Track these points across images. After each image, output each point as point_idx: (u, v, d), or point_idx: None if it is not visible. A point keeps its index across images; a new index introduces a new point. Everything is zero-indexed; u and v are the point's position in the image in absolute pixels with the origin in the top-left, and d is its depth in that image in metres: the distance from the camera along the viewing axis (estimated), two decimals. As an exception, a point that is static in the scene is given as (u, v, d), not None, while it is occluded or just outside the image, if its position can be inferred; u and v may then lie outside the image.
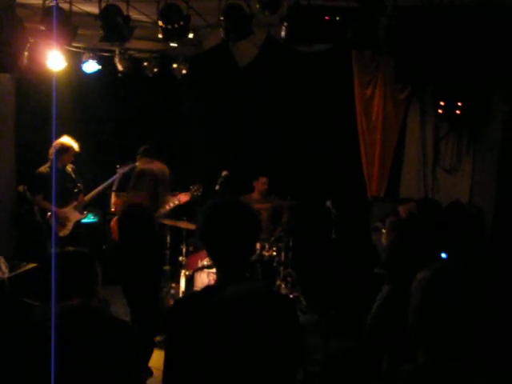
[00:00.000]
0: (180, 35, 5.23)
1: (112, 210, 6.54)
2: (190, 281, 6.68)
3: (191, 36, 5.45)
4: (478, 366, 1.79)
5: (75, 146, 6.63)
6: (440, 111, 6.98)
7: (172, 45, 5.66)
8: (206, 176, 6.89)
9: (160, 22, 5.14)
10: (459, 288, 1.80)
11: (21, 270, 5.78)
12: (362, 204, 7.56)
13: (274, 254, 7.12)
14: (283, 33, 5.48)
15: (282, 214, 7.74)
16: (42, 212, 6.56)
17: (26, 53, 5.62)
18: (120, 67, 7.49)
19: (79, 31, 5.46)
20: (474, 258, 5.26)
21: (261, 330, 1.97)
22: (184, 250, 7.03)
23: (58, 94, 5.68)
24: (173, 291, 7.08)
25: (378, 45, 5.56)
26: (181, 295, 6.55)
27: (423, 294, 1.83)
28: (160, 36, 5.27)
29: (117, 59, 7.47)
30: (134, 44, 7.05)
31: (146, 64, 7.84)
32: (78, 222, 6.83)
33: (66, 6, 5.30)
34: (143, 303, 4.75)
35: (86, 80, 7.65)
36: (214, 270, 6.06)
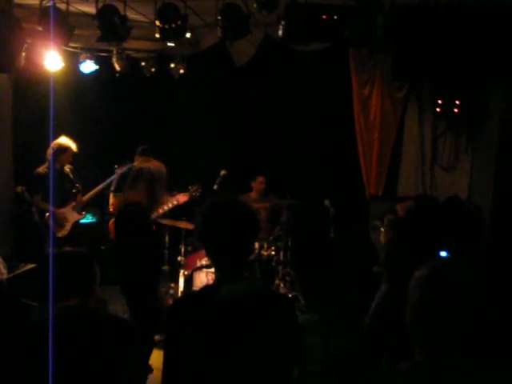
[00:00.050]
0: (177, 35, 5.24)
1: (110, 210, 6.55)
2: (189, 281, 6.68)
3: (188, 35, 5.45)
4: (476, 365, 1.79)
5: (73, 146, 6.62)
6: (438, 109, 6.99)
7: (169, 44, 5.66)
8: (204, 176, 6.88)
9: (157, 22, 5.14)
10: (457, 286, 1.80)
11: (19, 271, 5.77)
12: (361, 203, 7.57)
13: (273, 253, 7.11)
14: (280, 32, 5.48)
15: (281, 214, 7.73)
16: (41, 212, 6.55)
17: (23, 53, 5.63)
18: (117, 67, 7.48)
19: (76, 31, 5.46)
20: (472, 256, 5.26)
21: (259, 329, 1.97)
22: (183, 250, 7.03)
23: (56, 95, 5.60)
24: (172, 291, 7.08)
25: (375, 43, 5.56)
26: (180, 295, 6.55)
27: (421, 292, 1.83)
28: (157, 35, 5.27)
29: (114, 59, 7.47)
30: (132, 44, 7.05)
31: (143, 64, 7.84)
32: (77, 223, 6.82)
33: (63, 7, 5.30)
34: (142, 302, 4.74)
35: (83, 80, 7.64)
36: (212, 270, 6.05)
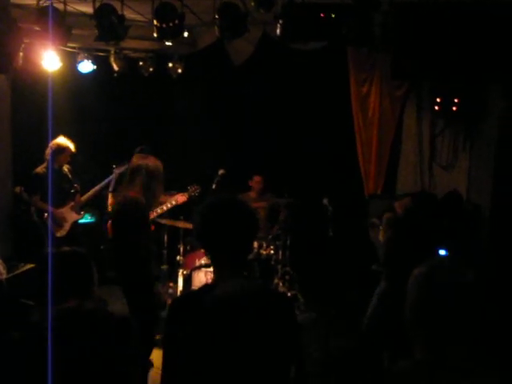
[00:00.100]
0: (175, 34, 5.23)
1: (109, 210, 6.54)
2: (188, 280, 6.68)
3: (186, 35, 5.44)
4: (476, 363, 1.79)
5: (71, 146, 6.62)
6: (436, 108, 6.98)
7: (167, 43, 5.65)
8: (203, 175, 6.88)
9: (155, 21, 5.14)
10: (455, 284, 1.80)
11: (18, 271, 5.77)
12: (359, 201, 7.57)
13: (272, 252, 7.11)
14: (278, 30, 5.48)
15: (280, 213, 7.72)
16: (39, 213, 6.55)
17: (20, 53, 5.61)
18: (115, 67, 7.47)
19: (74, 31, 5.45)
20: (471, 254, 5.27)
21: (258, 328, 1.97)
22: (181, 250, 7.02)
23: (54, 95, 5.66)
24: (171, 290, 7.08)
25: (373, 42, 5.55)
26: (179, 294, 6.55)
27: (420, 290, 1.83)
28: (155, 35, 5.26)
29: (112, 59, 7.45)
30: (129, 43, 7.04)
31: (141, 63, 7.82)
32: (75, 223, 6.83)
33: (60, 6, 5.29)
34: (140, 299, 4.75)
35: (81, 80, 7.63)
36: (211, 269, 6.05)
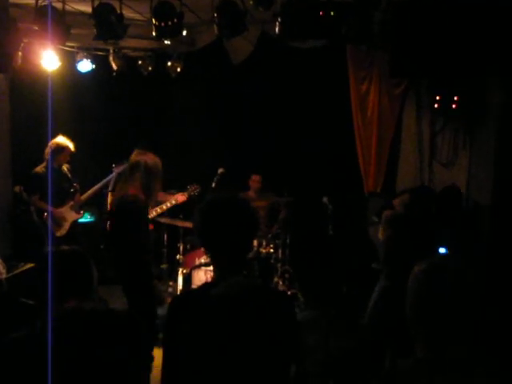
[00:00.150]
0: (173, 33, 5.23)
1: (108, 209, 6.53)
2: (188, 279, 6.69)
3: (185, 33, 5.43)
4: (476, 363, 1.79)
5: (71, 145, 6.62)
6: (436, 105, 6.96)
7: (166, 42, 5.65)
8: (202, 174, 6.87)
9: (153, 20, 5.13)
10: (456, 281, 1.80)
11: (18, 271, 5.78)
12: (359, 200, 7.56)
13: (272, 251, 7.11)
14: (277, 29, 5.45)
15: (279, 211, 7.73)
16: (39, 212, 6.55)
17: (19, 53, 5.60)
18: (114, 66, 7.47)
19: (73, 30, 5.44)
20: (471, 251, 5.27)
21: (258, 327, 1.97)
22: (181, 248, 7.03)
23: (53, 94, 5.65)
24: (170, 289, 7.09)
25: (372, 40, 5.54)
26: (178, 293, 6.55)
27: (420, 288, 1.82)
28: (154, 34, 5.26)
29: (111, 58, 7.45)
30: (128, 42, 7.04)
31: (140, 63, 7.82)
32: (75, 222, 6.83)
33: (59, 6, 5.28)
34: (140, 299, 4.75)
35: (80, 79, 7.63)
36: (211, 268, 6.05)
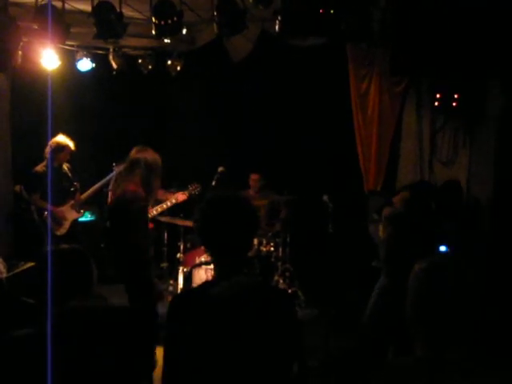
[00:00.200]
0: (173, 31, 5.23)
1: (108, 204, 6.53)
2: (188, 278, 6.68)
3: (184, 32, 5.43)
4: (476, 363, 1.78)
5: (71, 144, 6.62)
6: (436, 104, 6.95)
7: (166, 41, 5.64)
8: (202, 172, 6.87)
9: (153, 18, 5.13)
10: (456, 280, 1.79)
11: (19, 270, 5.77)
12: (359, 198, 7.55)
13: (272, 249, 7.12)
14: (277, 26, 5.45)
15: (280, 210, 7.72)
16: (39, 211, 6.55)
17: (19, 52, 5.60)
18: (114, 65, 7.47)
19: (73, 29, 5.44)
20: (472, 250, 5.26)
21: (258, 325, 1.97)
22: (182, 247, 7.04)
23: (53, 93, 5.64)
24: (171, 288, 7.09)
25: (372, 37, 5.54)
26: (179, 292, 6.55)
27: (420, 286, 1.82)
28: (153, 32, 5.25)
29: (111, 57, 7.45)
30: (128, 41, 7.04)
31: (140, 61, 7.82)
32: (75, 221, 6.82)
33: (58, 4, 5.28)
34: (141, 298, 4.75)
35: (80, 78, 7.63)
36: (211, 267, 6.05)
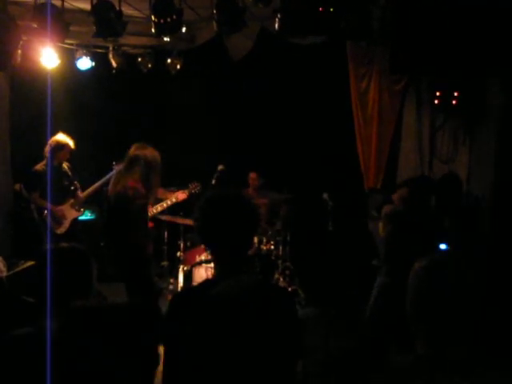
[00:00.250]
0: (173, 29, 5.22)
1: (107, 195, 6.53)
2: (189, 276, 6.69)
3: (184, 30, 5.43)
4: (477, 360, 1.79)
5: (71, 143, 6.61)
6: (436, 102, 6.94)
7: (165, 39, 5.64)
8: (201, 171, 6.87)
9: (152, 17, 5.12)
10: (456, 278, 1.80)
11: (19, 269, 5.77)
12: (359, 196, 7.55)
13: (272, 247, 7.12)
14: (276, 25, 5.45)
15: (280, 208, 7.72)
16: (39, 210, 6.54)
17: (19, 51, 5.60)
18: (114, 63, 7.46)
19: (72, 28, 5.44)
20: (471, 247, 5.25)
21: (259, 323, 1.97)
22: (182, 246, 7.04)
23: (53, 92, 5.66)
24: (171, 287, 7.09)
25: (372, 36, 5.53)
26: (179, 290, 6.55)
27: (420, 284, 1.82)
28: (153, 31, 5.25)
29: (111, 55, 7.45)
30: (128, 40, 7.03)
31: (140, 60, 7.81)
32: (75, 220, 6.82)
33: (58, 3, 5.27)
34: (141, 296, 4.76)
35: (80, 77, 7.63)
36: (212, 265, 6.05)
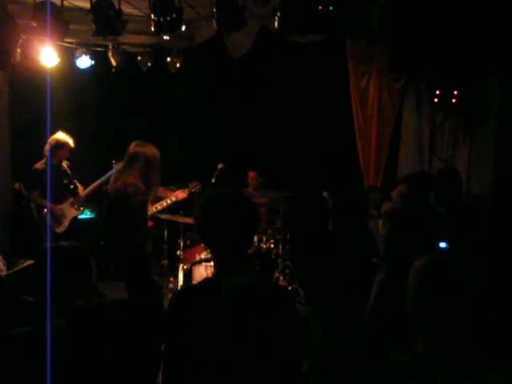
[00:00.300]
0: (172, 28, 5.22)
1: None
2: (188, 275, 6.69)
3: (183, 29, 5.42)
4: (477, 360, 1.78)
5: (70, 141, 6.61)
6: (436, 100, 6.94)
7: (165, 38, 5.64)
8: (201, 169, 6.87)
9: (152, 15, 5.12)
10: (456, 276, 1.79)
11: (18, 268, 5.76)
12: (359, 194, 7.55)
13: (272, 246, 7.12)
14: (276, 23, 5.44)
15: (279, 207, 7.72)
16: (39, 208, 6.54)
17: (18, 49, 5.59)
18: (114, 62, 7.46)
19: (72, 26, 5.44)
20: (471, 246, 5.25)
21: (259, 321, 1.97)
22: (182, 244, 7.04)
23: (52, 90, 5.65)
24: (171, 285, 7.09)
25: (371, 34, 5.53)
26: (179, 289, 6.55)
27: (420, 283, 1.82)
28: (152, 29, 5.24)
29: (110, 54, 7.45)
30: (127, 38, 7.03)
31: (139, 58, 7.81)
32: (75, 219, 6.81)
33: (57, 1, 5.27)
34: (141, 295, 4.76)
35: (79, 75, 7.62)
36: (211, 264, 6.05)
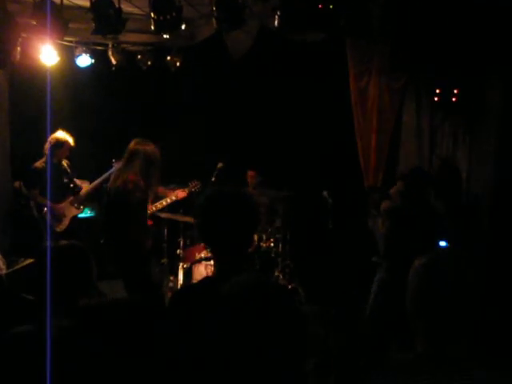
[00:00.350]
0: (172, 26, 5.21)
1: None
2: (188, 274, 6.69)
3: (183, 27, 5.41)
4: (476, 360, 1.78)
5: (70, 140, 6.61)
6: (436, 99, 6.94)
7: (165, 36, 5.63)
8: (201, 168, 6.87)
9: (152, 14, 5.11)
10: (456, 275, 1.79)
11: (18, 266, 5.77)
12: (359, 194, 7.55)
13: (272, 245, 7.12)
14: (276, 22, 5.45)
15: (279, 206, 7.71)
16: (39, 207, 6.54)
17: (18, 48, 5.59)
18: (113, 60, 7.45)
19: (71, 25, 5.43)
20: (471, 244, 5.25)
21: (260, 321, 1.96)
22: (181, 243, 7.03)
23: (52, 89, 5.64)
24: (171, 284, 7.09)
25: (371, 33, 5.53)
26: (179, 288, 6.55)
27: (420, 282, 1.82)
28: (152, 28, 5.24)
29: (110, 53, 7.44)
30: (127, 37, 7.01)
31: (139, 57, 7.81)
32: (75, 217, 6.82)
33: (57, 0, 5.26)
34: (141, 293, 4.76)
35: (79, 74, 7.62)
36: (211, 263, 6.05)
